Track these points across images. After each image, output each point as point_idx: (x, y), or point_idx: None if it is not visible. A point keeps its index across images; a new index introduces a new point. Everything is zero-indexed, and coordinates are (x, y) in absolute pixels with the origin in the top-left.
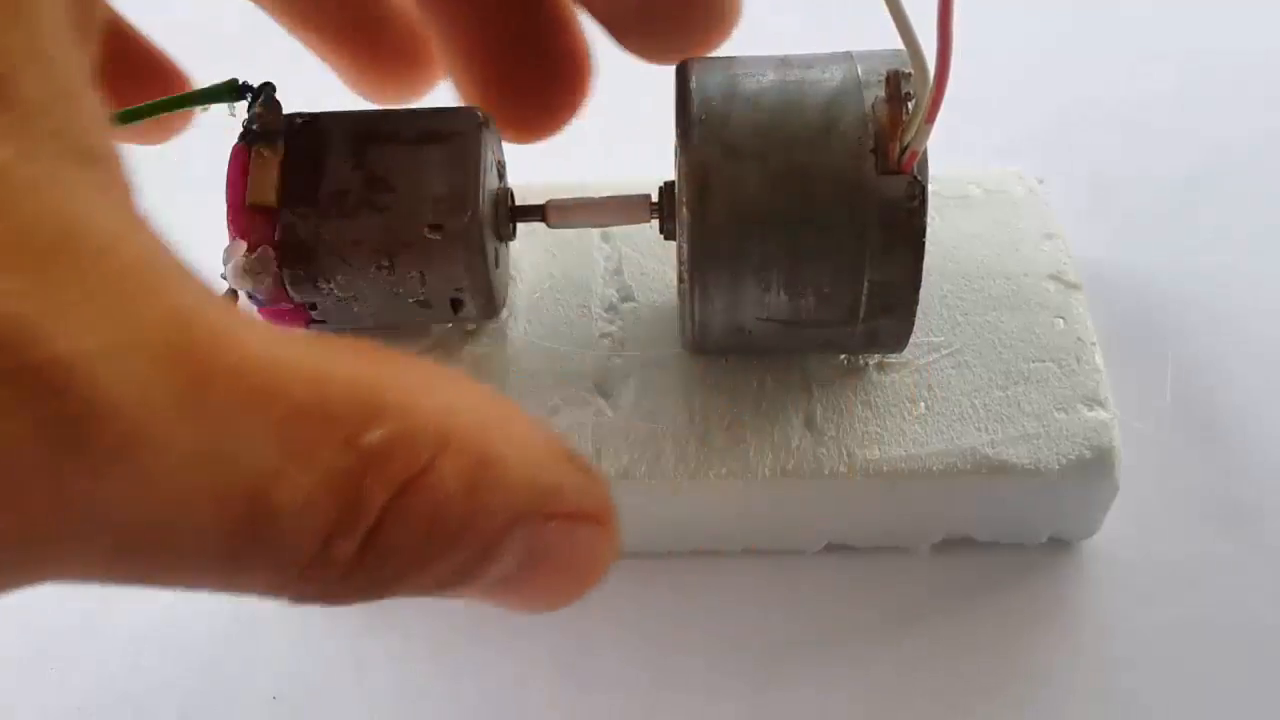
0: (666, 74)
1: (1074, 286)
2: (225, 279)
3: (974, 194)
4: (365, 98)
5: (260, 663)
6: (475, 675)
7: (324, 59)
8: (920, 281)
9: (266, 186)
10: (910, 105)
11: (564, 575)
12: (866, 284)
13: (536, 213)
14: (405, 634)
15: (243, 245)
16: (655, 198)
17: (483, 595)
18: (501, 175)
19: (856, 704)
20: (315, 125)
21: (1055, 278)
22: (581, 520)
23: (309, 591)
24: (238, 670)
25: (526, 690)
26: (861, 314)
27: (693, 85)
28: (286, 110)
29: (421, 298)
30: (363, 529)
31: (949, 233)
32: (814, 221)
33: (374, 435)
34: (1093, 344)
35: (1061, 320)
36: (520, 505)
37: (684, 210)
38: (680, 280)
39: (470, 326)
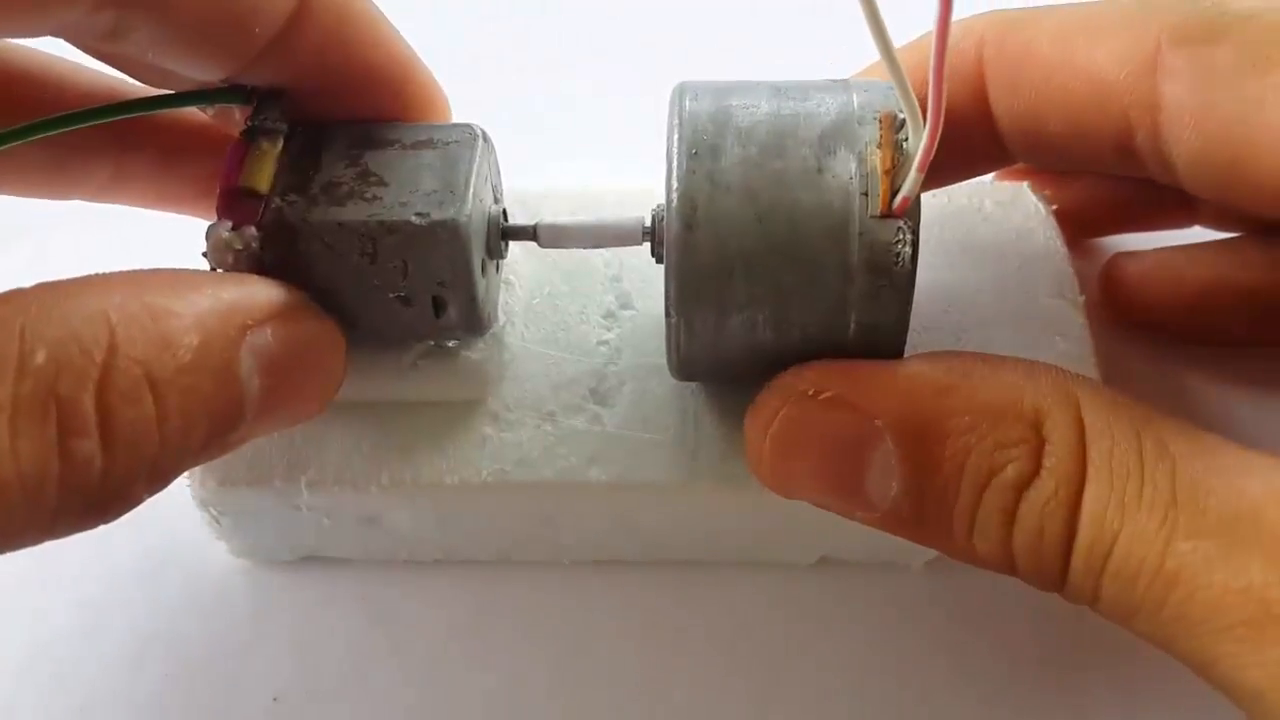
0: (668, 74)
1: (1075, 304)
2: (206, 256)
3: (979, 208)
4: None
5: (260, 663)
6: (473, 679)
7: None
8: (907, 325)
9: (260, 173)
10: (905, 146)
11: (307, 372)
12: (853, 326)
13: (528, 232)
14: (405, 636)
15: (227, 224)
16: (648, 221)
17: (256, 424)
18: (497, 199)
19: (850, 717)
20: (317, 129)
21: (1056, 295)
22: (288, 316)
23: (80, 500)
24: (238, 670)
25: (523, 694)
26: (848, 355)
27: (685, 115)
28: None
29: (402, 292)
30: (90, 426)
31: (951, 247)
32: (801, 261)
33: (38, 354)
34: (1092, 362)
35: (1060, 338)
36: (222, 329)
37: (670, 246)
38: (667, 315)
39: (452, 343)
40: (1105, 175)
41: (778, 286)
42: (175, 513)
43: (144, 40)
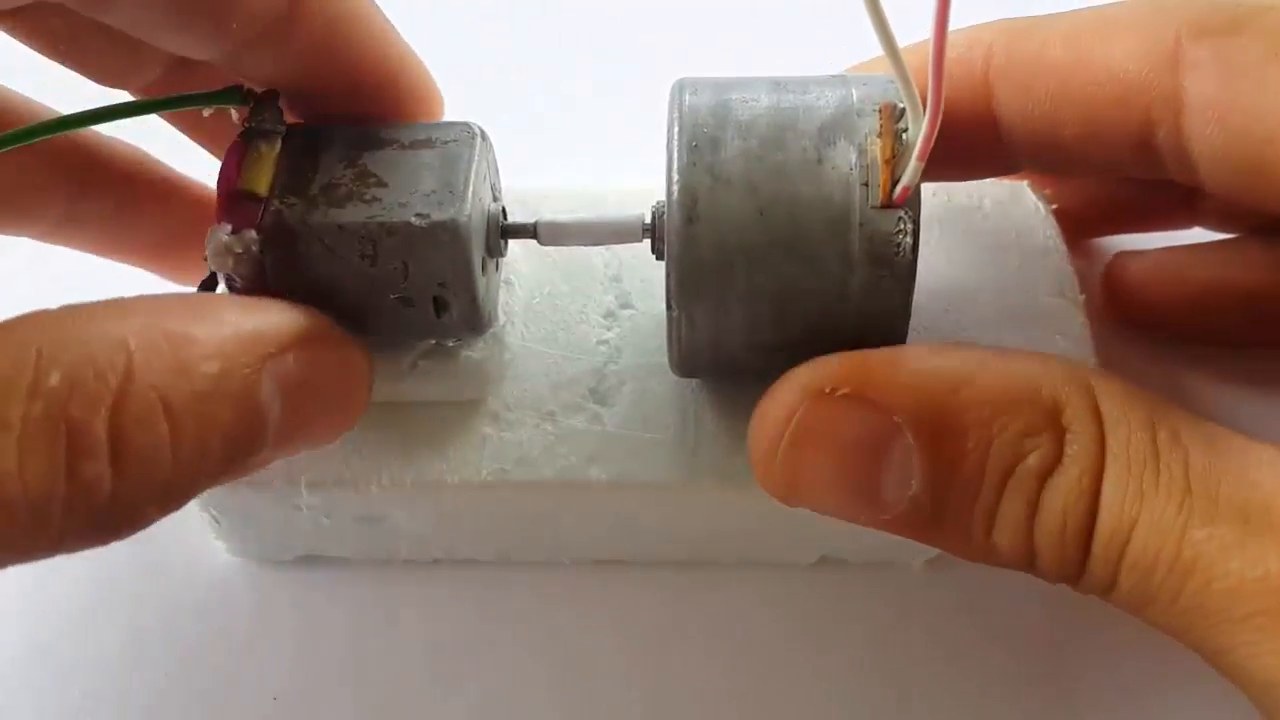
0: (668, 74)
1: (1075, 303)
2: (206, 260)
3: (979, 207)
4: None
5: (260, 662)
6: (473, 678)
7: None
8: (909, 315)
9: (258, 176)
10: (905, 136)
11: (330, 396)
12: (855, 317)
13: (528, 230)
14: (405, 636)
15: (227, 228)
16: (649, 218)
17: (277, 449)
18: (496, 197)
19: (849, 717)
20: (314, 131)
21: (1056, 294)
22: (311, 342)
23: (87, 521)
24: (238, 670)
25: (523, 694)
26: (850, 346)
27: (684, 109)
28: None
29: (403, 293)
30: (101, 449)
31: (951, 245)
32: (802, 253)
33: (52, 376)
34: (1092, 361)
35: (1060, 337)
36: (243, 357)
37: (671, 239)
38: (668, 307)
39: (452, 343)
40: (1106, 176)
41: (779, 278)
42: (175, 512)
43: (128, 4)
